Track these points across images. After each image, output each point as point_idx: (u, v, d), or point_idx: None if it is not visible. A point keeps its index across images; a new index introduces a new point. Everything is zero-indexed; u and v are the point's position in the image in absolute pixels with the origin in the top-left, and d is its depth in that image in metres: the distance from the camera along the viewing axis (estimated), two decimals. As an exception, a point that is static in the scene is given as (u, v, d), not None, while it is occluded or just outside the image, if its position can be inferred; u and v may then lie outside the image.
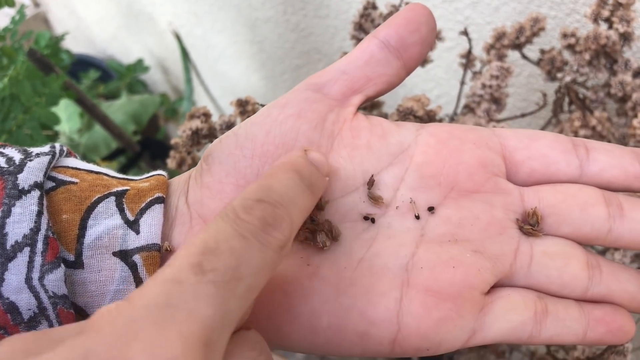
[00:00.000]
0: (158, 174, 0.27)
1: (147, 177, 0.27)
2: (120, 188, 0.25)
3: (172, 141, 0.39)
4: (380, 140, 0.26)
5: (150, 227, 0.24)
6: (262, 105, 0.33)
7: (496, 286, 0.25)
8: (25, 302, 0.22)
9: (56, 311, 0.22)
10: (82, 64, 1.09)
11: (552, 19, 0.48)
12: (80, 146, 0.79)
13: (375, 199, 0.25)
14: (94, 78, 1.04)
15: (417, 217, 0.25)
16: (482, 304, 0.24)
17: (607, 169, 0.25)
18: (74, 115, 0.81)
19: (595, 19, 0.39)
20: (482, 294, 0.24)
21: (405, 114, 0.31)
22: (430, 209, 0.25)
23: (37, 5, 1.30)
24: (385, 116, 0.41)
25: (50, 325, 0.22)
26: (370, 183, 0.25)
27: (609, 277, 0.25)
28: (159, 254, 0.24)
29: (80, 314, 0.23)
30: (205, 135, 0.33)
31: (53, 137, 0.61)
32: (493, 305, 0.24)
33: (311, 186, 0.22)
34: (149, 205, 0.25)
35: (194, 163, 0.39)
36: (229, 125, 0.33)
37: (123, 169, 0.71)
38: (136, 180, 0.26)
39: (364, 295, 0.24)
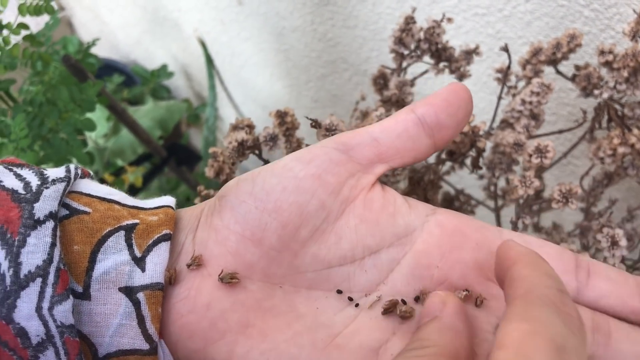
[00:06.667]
0: (167, 206, 0.27)
1: (156, 208, 0.27)
2: (130, 221, 0.26)
3: (210, 150, 0.40)
4: (389, 219, 0.26)
5: (156, 265, 0.25)
6: (308, 119, 0.34)
7: None
8: (34, 328, 0.23)
9: (63, 339, 0.23)
10: (106, 68, 1.11)
11: (585, 35, 0.48)
12: (106, 150, 0.80)
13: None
14: (118, 82, 1.05)
15: (404, 302, 0.25)
16: None
17: (605, 296, 0.25)
18: (101, 119, 0.82)
19: (634, 36, 0.39)
20: None
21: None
22: (417, 299, 0.26)
23: (62, 9, 1.32)
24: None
25: (57, 352, 0.23)
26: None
27: None
28: (162, 292, 0.25)
29: (85, 341, 0.24)
30: (250, 146, 0.34)
31: (83, 141, 0.62)
32: None
33: None
34: (156, 243, 0.26)
35: (232, 173, 0.39)
36: (273, 138, 0.34)
37: (149, 175, 0.72)
38: (146, 210, 0.27)
39: None
